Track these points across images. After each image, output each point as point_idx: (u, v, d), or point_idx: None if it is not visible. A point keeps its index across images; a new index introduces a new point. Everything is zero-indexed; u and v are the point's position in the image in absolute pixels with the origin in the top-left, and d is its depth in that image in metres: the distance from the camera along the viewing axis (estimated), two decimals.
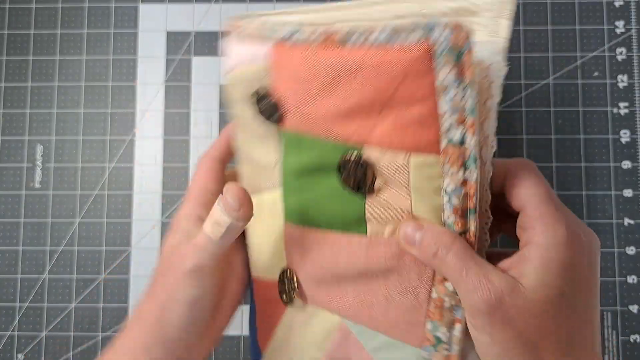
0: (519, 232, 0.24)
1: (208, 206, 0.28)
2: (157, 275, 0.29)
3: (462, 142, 0.24)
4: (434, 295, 0.25)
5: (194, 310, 0.27)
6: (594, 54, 0.45)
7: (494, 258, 0.24)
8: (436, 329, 0.25)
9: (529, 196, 0.24)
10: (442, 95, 0.24)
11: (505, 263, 0.23)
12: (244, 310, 0.41)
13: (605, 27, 0.45)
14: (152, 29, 0.46)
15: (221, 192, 0.27)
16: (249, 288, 0.33)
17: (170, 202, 0.44)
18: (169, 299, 0.27)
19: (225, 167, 0.33)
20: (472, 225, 0.24)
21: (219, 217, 0.26)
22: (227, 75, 0.31)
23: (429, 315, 0.25)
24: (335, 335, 0.28)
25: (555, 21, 0.45)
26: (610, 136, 0.44)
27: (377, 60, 0.24)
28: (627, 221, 0.43)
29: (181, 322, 0.27)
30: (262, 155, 0.30)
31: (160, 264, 0.29)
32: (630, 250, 0.43)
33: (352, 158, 0.25)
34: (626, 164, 0.43)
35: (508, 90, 0.44)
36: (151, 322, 0.27)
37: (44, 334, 0.43)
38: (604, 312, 0.42)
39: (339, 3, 0.28)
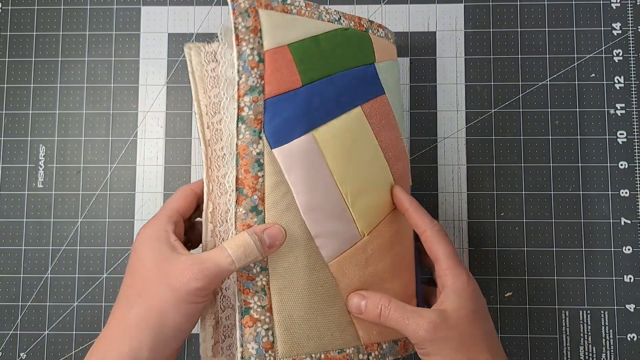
0: (437, 277, 0.35)
1: (178, 225, 0.33)
2: (143, 284, 0.30)
3: None
4: None
5: (190, 323, 0.30)
6: (591, 55, 0.45)
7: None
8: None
9: (440, 253, 0.34)
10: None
11: (435, 304, 0.34)
12: None
13: (602, 29, 0.45)
14: (154, 31, 0.46)
15: (190, 217, 0.34)
16: None
17: None
18: (172, 308, 0.29)
19: (197, 202, 0.35)
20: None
21: (248, 246, 0.30)
22: None
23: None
24: None
25: (552, 23, 0.45)
26: (607, 137, 0.44)
27: None
28: (623, 221, 0.43)
29: (178, 331, 0.30)
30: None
31: (143, 273, 0.30)
32: (627, 250, 0.43)
33: None
34: (623, 164, 0.44)
35: (506, 92, 0.45)
36: (149, 329, 0.29)
37: (46, 333, 0.43)
38: (602, 311, 0.43)
39: None
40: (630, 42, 0.45)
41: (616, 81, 0.45)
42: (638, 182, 0.44)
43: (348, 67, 0.34)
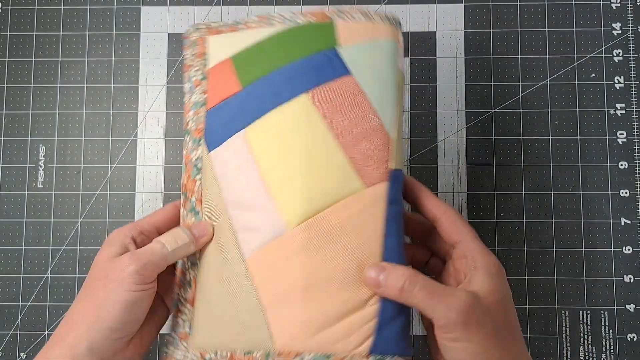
0: (457, 260, 0.33)
1: (146, 234, 0.34)
2: (91, 282, 0.31)
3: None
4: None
5: (128, 314, 0.30)
6: (591, 55, 0.45)
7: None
8: None
9: (465, 233, 0.32)
10: None
11: (462, 285, 0.31)
12: None
13: (602, 29, 0.45)
14: (154, 31, 0.46)
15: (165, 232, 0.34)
16: None
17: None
18: (107, 299, 0.30)
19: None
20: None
21: (178, 234, 0.32)
22: None
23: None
24: None
25: (552, 23, 0.45)
26: (607, 137, 0.44)
27: None
28: (623, 221, 0.43)
29: (115, 322, 0.29)
30: None
31: (94, 272, 0.31)
32: (627, 250, 0.43)
33: None
34: (623, 165, 0.44)
35: (506, 92, 0.45)
36: (86, 322, 0.29)
37: (46, 333, 0.43)
38: (602, 311, 0.43)
39: None
40: (630, 42, 0.45)
41: (616, 81, 0.45)
42: (638, 182, 0.44)
43: (295, 59, 0.34)
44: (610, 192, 0.44)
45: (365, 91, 0.34)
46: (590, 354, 0.42)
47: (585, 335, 0.42)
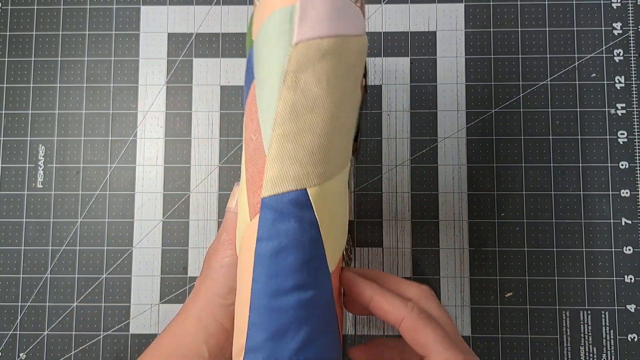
0: None
1: None
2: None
3: None
4: None
5: (227, 279, 0.30)
6: (592, 55, 0.45)
7: None
8: None
9: (431, 344, 0.27)
10: None
11: None
12: None
13: (602, 29, 0.45)
14: (154, 30, 0.46)
15: None
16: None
17: (171, 202, 0.44)
18: (211, 270, 0.31)
19: None
20: None
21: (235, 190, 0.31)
22: None
23: None
24: None
25: (553, 23, 0.45)
26: (608, 137, 0.44)
27: None
28: (624, 221, 0.43)
29: (219, 287, 0.30)
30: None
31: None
32: (628, 250, 0.43)
33: None
34: (623, 165, 0.44)
35: (506, 92, 0.45)
36: (202, 295, 0.31)
37: (45, 333, 0.43)
38: (602, 312, 0.43)
39: None
40: (631, 42, 0.45)
41: (617, 81, 0.44)
42: (639, 182, 0.44)
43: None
44: (610, 192, 0.43)
45: (257, 97, 0.27)
46: (591, 355, 0.42)
47: (586, 336, 0.42)
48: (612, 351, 0.42)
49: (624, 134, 0.44)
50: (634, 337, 0.42)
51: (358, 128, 0.35)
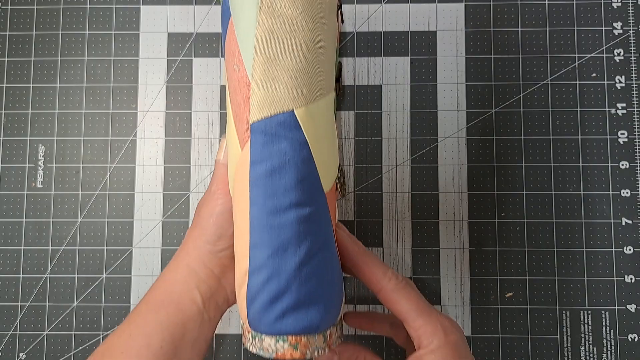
0: (410, 334, 0.30)
1: None
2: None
3: None
4: None
5: (218, 227, 0.31)
6: (592, 55, 0.45)
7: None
8: None
9: (405, 312, 0.30)
10: None
11: None
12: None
13: (603, 29, 0.45)
14: (154, 30, 0.46)
15: None
16: None
17: (171, 202, 0.44)
18: (201, 218, 0.31)
19: None
20: None
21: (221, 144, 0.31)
22: None
23: None
24: None
25: (553, 22, 0.45)
26: (608, 137, 0.44)
27: None
28: (624, 221, 0.43)
29: (210, 235, 0.31)
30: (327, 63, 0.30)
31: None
32: (628, 250, 0.43)
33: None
34: (624, 164, 0.44)
35: (506, 92, 0.45)
36: (192, 242, 0.32)
37: (45, 333, 0.43)
38: (603, 312, 0.42)
39: None
40: (631, 41, 0.45)
41: (617, 81, 0.44)
42: (639, 182, 0.44)
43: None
44: (611, 192, 0.43)
45: (236, 30, 0.28)
46: (591, 355, 0.42)
47: (586, 336, 0.42)
48: (613, 351, 0.42)
49: (624, 133, 0.44)
50: (634, 337, 0.42)
51: (340, 69, 0.37)
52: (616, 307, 0.42)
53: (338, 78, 0.34)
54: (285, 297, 0.26)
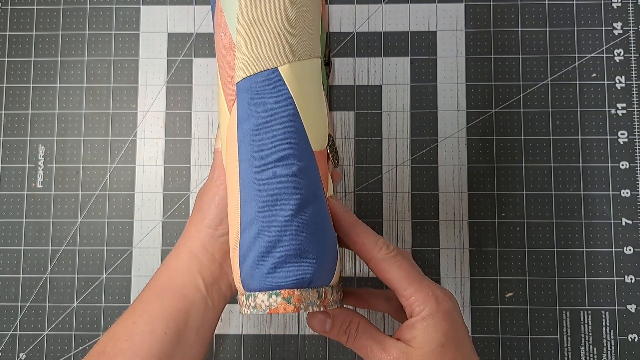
0: (402, 303, 0.30)
1: None
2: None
3: None
4: None
5: (219, 210, 0.31)
6: (592, 55, 0.45)
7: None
8: None
9: (396, 282, 0.29)
10: None
11: (399, 331, 0.30)
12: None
13: (603, 29, 0.45)
14: (154, 30, 0.46)
15: None
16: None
17: (171, 202, 0.44)
18: (203, 203, 0.32)
19: None
20: None
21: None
22: None
23: None
24: None
25: (553, 22, 0.45)
26: (608, 137, 0.44)
27: None
28: (624, 221, 0.43)
29: (211, 219, 0.31)
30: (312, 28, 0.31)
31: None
32: (628, 250, 0.43)
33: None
34: (624, 165, 0.44)
35: (506, 92, 0.45)
36: (193, 227, 0.32)
37: (45, 333, 0.43)
38: (603, 312, 0.42)
39: None
40: (631, 41, 0.45)
41: (617, 81, 0.44)
42: (639, 182, 0.44)
43: None
44: (611, 192, 0.43)
45: (221, 1, 0.30)
46: (591, 355, 0.42)
47: (586, 336, 0.42)
48: (613, 351, 0.42)
49: (624, 134, 0.44)
50: (634, 338, 0.42)
51: (328, 46, 0.37)
52: (616, 307, 0.42)
53: (327, 62, 0.34)
54: (276, 250, 0.26)
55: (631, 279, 0.43)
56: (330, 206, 0.30)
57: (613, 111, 0.44)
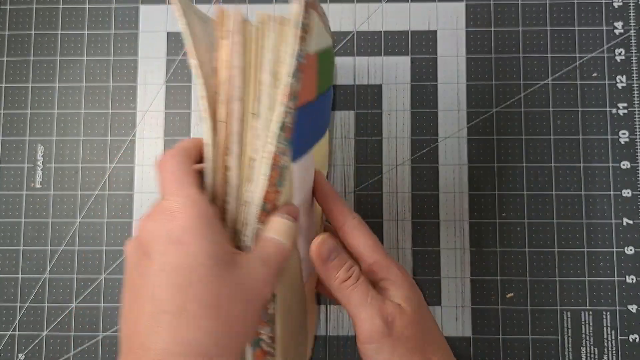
0: (364, 269, 0.30)
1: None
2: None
3: None
4: None
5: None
6: (593, 54, 0.45)
7: None
8: None
9: (365, 245, 0.30)
10: None
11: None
12: None
13: (604, 28, 0.45)
14: (153, 29, 0.46)
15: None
16: None
17: None
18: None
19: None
20: None
21: (288, 229, 0.28)
22: None
23: None
24: None
25: (554, 22, 0.45)
26: (609, 136, 0.44)
27: None
28: (625, 221, 0.43)
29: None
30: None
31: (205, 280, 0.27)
32: (629, 250, 0.43)
33: None
34: (625, 164, 0.44)
35: (507, 91, 0.44)
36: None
37: (44, 333, 0.43)
38: (604, 312, 0.42)
39: None
40: (633, 41, 0.45)
41: (618, 81, 0.44)
42: None
43: (328, 85, 0.32)
44: (612, 192, 0.43)
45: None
46: (592, 355, 0.42)
47: (587, 337, 0.42)
48: (614, 352, 0.42)
49: (625, 133, 0.44)
50: (636, 338, 0.42)
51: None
52: (617, 308, 0.42)
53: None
54: None
55: (632, 279, 0.42)
56: (316, 177, 0.32)
57: (614, 111, 0.44)
